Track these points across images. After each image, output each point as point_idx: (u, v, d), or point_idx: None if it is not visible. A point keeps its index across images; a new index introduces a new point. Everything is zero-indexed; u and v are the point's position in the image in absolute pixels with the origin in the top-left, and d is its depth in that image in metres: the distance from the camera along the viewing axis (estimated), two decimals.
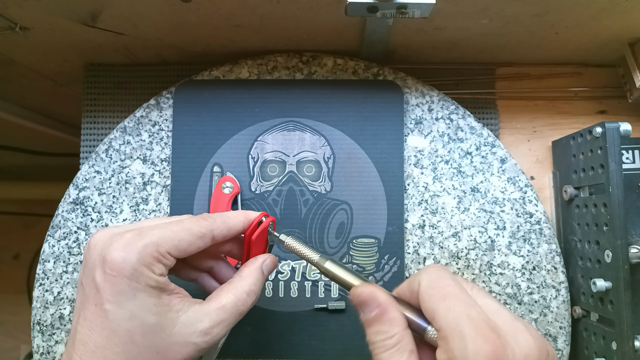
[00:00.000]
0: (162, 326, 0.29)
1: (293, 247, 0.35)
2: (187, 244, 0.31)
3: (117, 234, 0.30)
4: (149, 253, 0.29)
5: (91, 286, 0.29)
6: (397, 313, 0.28)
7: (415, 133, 0.45)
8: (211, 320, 0.30)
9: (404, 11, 0.36)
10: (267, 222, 0.35)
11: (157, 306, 0.29)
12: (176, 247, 0.30)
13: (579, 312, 0.43)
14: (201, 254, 0.34)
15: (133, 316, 0.28)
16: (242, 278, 0.33)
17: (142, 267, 0.29)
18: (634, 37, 0.44)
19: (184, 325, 0.30)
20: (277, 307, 0.43)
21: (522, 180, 0.44)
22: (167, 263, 0.30)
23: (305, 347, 0.42)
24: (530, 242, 0.43)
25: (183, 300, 0.31)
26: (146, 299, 0.29)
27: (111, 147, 0.46)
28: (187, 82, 0.46)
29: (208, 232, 0.32)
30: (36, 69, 0.52)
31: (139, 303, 0.28)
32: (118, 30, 0.42)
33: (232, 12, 0.39)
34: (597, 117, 0.49)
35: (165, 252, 0.30)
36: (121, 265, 0.28)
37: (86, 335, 0.28)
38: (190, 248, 0.31)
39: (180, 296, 0.31)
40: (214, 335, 0.30)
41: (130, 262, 0.28)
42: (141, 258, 0.29)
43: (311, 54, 0.46)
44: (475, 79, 0.50)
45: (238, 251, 0.36)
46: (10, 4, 0.37)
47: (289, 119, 0.45)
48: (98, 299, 0.28)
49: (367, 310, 0.28)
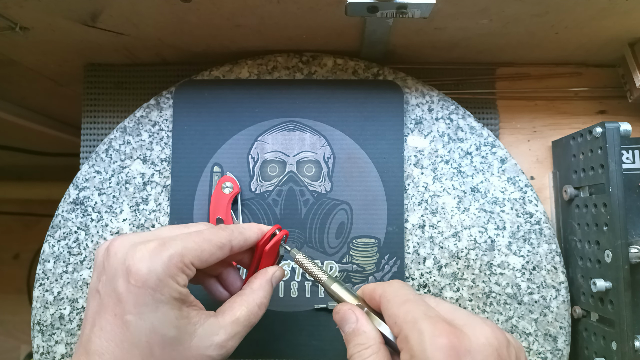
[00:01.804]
0: (180, 339, 0.29)
1: (303, 265, 0.36)
2: (208, 254, 0.31)
3: (140, 243, 0.29)
4: (174, 264, 0.29)
5: (111, 296, 0.28)
6: (371, 327, 0.30)
7: (415, 133, 0.45)
8: (226, 333, 0.31)
9: (404, 11, 0.36)
10: (281, 235, 0.36)
11: (178, 319, 0.29)
12: (198, 257, 0.30)
13: (579, 312, 0.43)
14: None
15: (154, 328, 0.28)
16: (253, 291, 0.33)
17: (167, 278, 0.28)
18: (634, 37, 0.44)
19: (201, 339, 0.29)
20: (277, 307, 0.43)
21: (522, 180, 0.44)
22: (189, 274, 0.30)
23: (305, 347, 0.42)
24: (530, 242, 0.43)
25: (200, 313, 0.31)
26: (168, 311, 0.28)
27: (111, 147, 0.46)
28: (187, 82, 0.46)
29: (227, 243, 0.32)
30: (36, 69, 0.52)
31: (160, 316, 0.28)
32: (118, 30, 0.42)
33: (232, 12, 0.39)
34: (597, 117, 0.49)
35: (190, 262, 0.30)
36: (147, 276, 0.28)
37: (103, 347, 0.28)
38: (211, 259, 0.31)
39: (197, 309, 0.31)
40: (228, 348, 0.31)
41: (156, 273, 0.28)
42: (167, 269, 0.28)
43: (311, 54, 0.46)
44: (475, 79, 0.50)
45: (248, 260, 0.37)
46: (11, 4, 0.37)
47: (289, 119, 0.45)
48: (119, 310, 0.28)
49: (346, 325, 0.31)
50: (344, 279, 0.43)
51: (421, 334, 0.25)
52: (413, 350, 0.25)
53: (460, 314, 0.28)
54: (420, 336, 0.25)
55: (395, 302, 0.29)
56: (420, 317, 0.26)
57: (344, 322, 0.31)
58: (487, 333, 0.26)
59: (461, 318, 0.27)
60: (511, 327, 0.43)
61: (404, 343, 0.27)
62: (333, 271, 0.43)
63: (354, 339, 0.30)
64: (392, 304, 0.29)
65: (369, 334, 0.29)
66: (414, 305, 0.28)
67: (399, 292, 0.30)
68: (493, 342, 0.26)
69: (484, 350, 0.25)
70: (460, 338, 0.25)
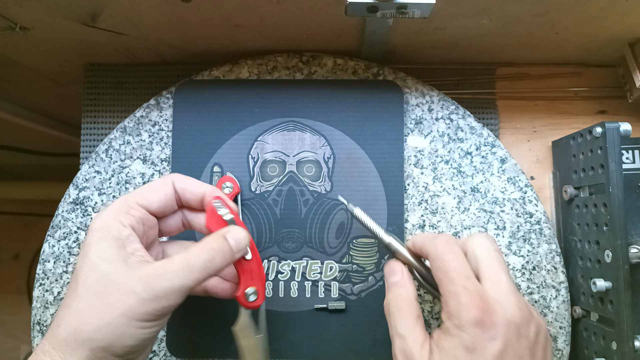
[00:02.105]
0: (111, 274, 0.30)
1: (361, 219, 0.39)
2: (150, 191, 0.35)
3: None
4: (118, 207, 0.33)
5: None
6: (411, 285, 0.35)
7: (415, 133, 0.45)
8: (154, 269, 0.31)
9: (404, 11, 0.36)
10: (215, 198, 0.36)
11: (113, 255, 0.31)
12: (141, 196, 0.34)
13: (579, 312, 0.43)
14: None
15: (91, 263, 0.31)
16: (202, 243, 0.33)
17: (110, 220, 0.32)
18: (634, 37, 0.44)
19: (130, 276, 0.30)
20: (277, 307, 0.43)
21: (522, 180, 0.44)
22: (135, 214, 0.33)
23: (305, 347, 0.42)
24: (530, 242, 0.43)
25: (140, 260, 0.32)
26: (105, 248, 0.31)
27: (111, 147, 0.46)
28: (187, 82, 0.46)
29: (169, 180, 0.36)
30: (36, 69, 0.52)
31: (97, 251, 0.31)
32: (118, 30, 0.42)
33: (232, 12, 0.39)
34: (597, 117, 0.49)
35: (133, 202, 0.34)
36: (95, 223, 0.32)
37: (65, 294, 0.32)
38: (154, 195, 0.35)
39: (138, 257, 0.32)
40: (154, 286, 0.30)
41: (102, 218, 0.33)
42: (112, 213, 0.33)
43: (311, 54, 0.46)
44: (475, 79, 0.50)
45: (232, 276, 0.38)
46: (11, 4, 0.37)
47: (289, 119, 0.45)
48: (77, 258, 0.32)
49: (392, 277, 0.36)
50: (343, 279, 0.43)
51: (459, 304, 0.30)
52: (451, 314, 0.31)
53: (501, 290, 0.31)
54: (458, 306, 0.30)
55: (442, 269, 0.32)
56: (460, 291, 0.31)
57: (391, 274, 0.36)
58: (513, 310, 0.30)
59: (500, 294, 0.31)
60: None
61: (445, 305, 0.32)
62: (333, 271, 0.43)
63: (395, 289, 0.35)
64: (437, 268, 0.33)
65: (408, 289, 0.35)
66: (455, 275, 0.32)
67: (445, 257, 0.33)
68: (516, 318, 0.30)
69: (506, 325, 0.30)
70: (489, 313, 0.30)
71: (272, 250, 0.44)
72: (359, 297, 0.43)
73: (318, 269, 0.43)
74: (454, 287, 0.31)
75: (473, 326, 0.29)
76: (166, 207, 0.36)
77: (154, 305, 0.30)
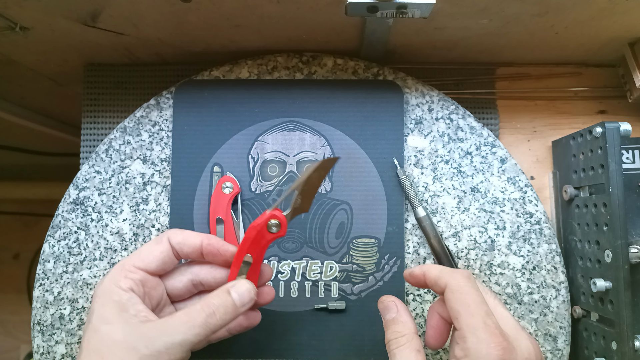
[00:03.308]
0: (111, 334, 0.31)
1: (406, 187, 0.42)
2: (147, 252, 0.35)
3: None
4: (117, 271, 0.34)
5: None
6: (409, 318, 0.35)
7: (415, 133, 0.45)
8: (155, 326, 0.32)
9: (404, 11, 0.36)
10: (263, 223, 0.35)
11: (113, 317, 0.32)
12: (138, 258, 0.35)
13: (579, 312, 0.43)
14: None
15: (92, 327, 0.32)
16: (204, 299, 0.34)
17: (111, 285, 0.33)
18: (634, 37, 0.44)
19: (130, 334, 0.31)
20: (277, 307, 0.43)
21: (522, 180, 0.44)
22: (134, 277, 0.34)
23: (305, 347, 0.42)
24: (530, 242, 0.43)
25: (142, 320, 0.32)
26: (105, 312, 0.32)
27: (111, 147, 0.46)
28: (187, 82, 0.46)
29: (164, 238, 0.36)
30: (36, 69, 0.52)
31: (98, 315, 0.32)
32: (118, 30, 0.42)
33: (232, 12, 0.39)
34: (597, 117, 0.49)
35: (131, 265, 0.34)
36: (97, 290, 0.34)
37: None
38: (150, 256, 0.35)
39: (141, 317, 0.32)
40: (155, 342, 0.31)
41: (104, 284, 0.34)
42: (111, 278, 0.34)
43: (311, 54, 0.46)
44: (475, 79, 0.50)
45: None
46: (10, 4, 0.37)
47: (289, 119, 0.45)
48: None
49: (388, 314, 0.35)
50: (343, 279, 0.43)
51: (479, 341, 0.30)
52: (469, 351, 0.30)
53: (510, 326, 0.32)
54: (478, 343, 0.30)
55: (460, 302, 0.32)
56: (480, 325, 0.30)
57: (386, 311, 0.36)
58: (531, 349, 0.31)
59: (511, 330, 0.32)
60: None
61: (461, 340, 0.31)
62: (333, 271, 0.43)
63: (392, 326, 0.34)
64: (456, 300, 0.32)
65: (406, 324, 0.34)
66: (476, 309, 0.31)
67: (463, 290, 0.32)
68: (532, 356, 0.31)
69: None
70: (509, 352, 0.30)
71: (272, 250, 0.44)
72: (359, 297, 0.43)
73: (318, 269, 0.43)
74: (474, 322, 0.30)
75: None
76: (165, 265, 0.36)
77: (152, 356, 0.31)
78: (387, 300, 0.36)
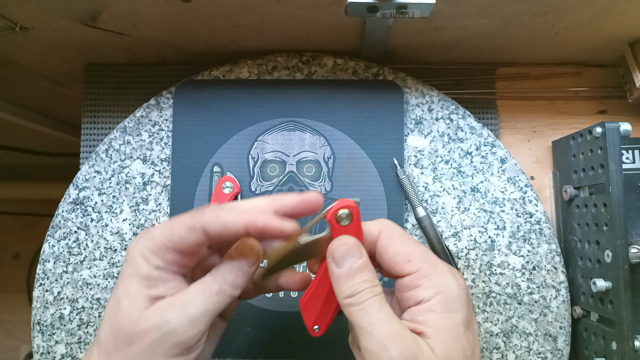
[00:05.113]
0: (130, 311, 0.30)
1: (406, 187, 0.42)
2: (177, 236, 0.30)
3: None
4: (145, 245, 0.31)
5: None
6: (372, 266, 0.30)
7: (415, 133, 0.45)
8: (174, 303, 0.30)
9: (404, 11, 0.36)
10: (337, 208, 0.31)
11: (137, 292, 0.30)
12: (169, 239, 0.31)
13: (579, 312, 0.43)
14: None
15: (117, 297, 0.30)
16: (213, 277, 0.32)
17: (139, 257, 0.31)
18: (634, 37, 0.44)
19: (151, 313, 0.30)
20: (277, 307, 0.43)
21: (522, 180, 0.44)
22: (165, 256, 0.30)
23: (305, 347, 0.42)
24: (530, 242, 0.43)
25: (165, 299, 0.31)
26: (130, 285, 0.30)
27: (111, 147, 0.46)
28: (187, 82, 0.46)
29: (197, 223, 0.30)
30: (36, 69, 0.52)
31: (123, 287, 0.31)
32: (118, 30, 0.42)
33: (232, 12, 0.39)
34: (597, 117, 0.49)
35: (160, 243, 0.31)
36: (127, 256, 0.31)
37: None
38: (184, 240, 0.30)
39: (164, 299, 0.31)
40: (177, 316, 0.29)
41: (132, 253, 0.31)
42: (139, 249, 0.31)
43: (311, 54, 0.46)
44: (475, 79, 0.50)
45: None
46: (10, 4, 0.37)
47: (289, 119, 0.45)
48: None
49: (351, 259, 0.29)
50: None
51: (445, 273, 0.29)
52: (440, 286, 0.29)
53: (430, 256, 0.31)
54: (444, 275, 0.29)
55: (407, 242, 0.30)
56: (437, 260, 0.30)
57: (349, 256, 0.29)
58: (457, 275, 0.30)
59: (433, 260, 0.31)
60: (511, 327, 0.42)
61: (424, 279, 0.29)
62: None
63: (362, 273, 0.29)
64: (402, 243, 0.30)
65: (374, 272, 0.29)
66: (421, 246, 0.31)
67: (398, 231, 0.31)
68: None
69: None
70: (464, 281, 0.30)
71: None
72: None
73: None
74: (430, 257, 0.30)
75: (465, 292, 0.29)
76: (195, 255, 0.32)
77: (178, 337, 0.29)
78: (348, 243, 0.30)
